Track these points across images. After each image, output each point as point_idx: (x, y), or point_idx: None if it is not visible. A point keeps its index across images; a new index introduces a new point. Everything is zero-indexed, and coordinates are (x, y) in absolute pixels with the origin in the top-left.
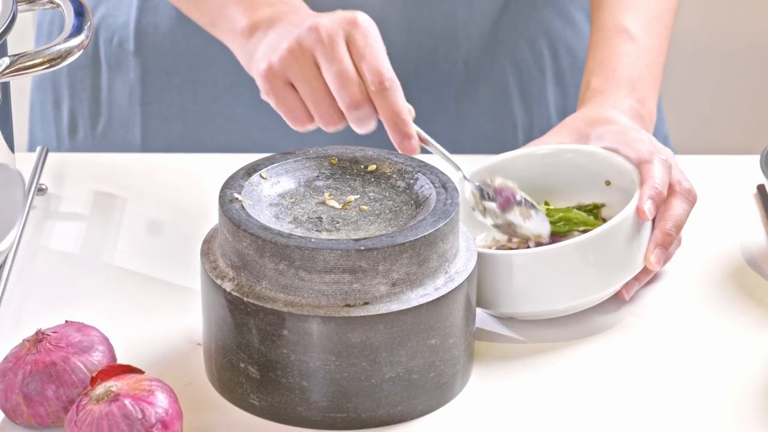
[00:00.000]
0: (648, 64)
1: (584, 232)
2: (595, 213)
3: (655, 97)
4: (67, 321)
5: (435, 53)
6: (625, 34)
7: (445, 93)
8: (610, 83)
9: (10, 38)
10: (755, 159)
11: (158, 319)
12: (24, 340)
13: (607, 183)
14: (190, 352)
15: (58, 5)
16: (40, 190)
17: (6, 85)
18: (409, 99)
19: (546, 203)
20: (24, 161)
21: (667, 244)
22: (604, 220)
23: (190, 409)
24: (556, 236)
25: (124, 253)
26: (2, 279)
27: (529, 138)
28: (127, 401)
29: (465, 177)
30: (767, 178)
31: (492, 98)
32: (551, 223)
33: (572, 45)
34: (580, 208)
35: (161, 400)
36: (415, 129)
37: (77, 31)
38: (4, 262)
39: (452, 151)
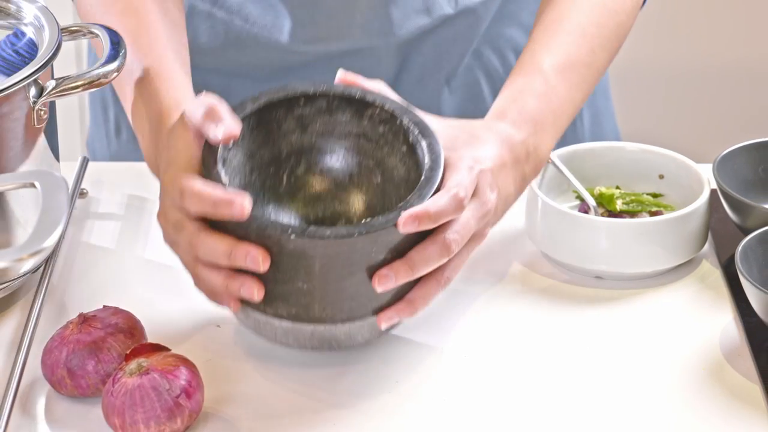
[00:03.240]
0: (554, 110)
1: (653, 213)
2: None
3: (552, 142)
4: (104, 306)
5: (423, 71)
6: (542, 75)
7: (431, 101)
8: (515, 114)
9: (55, 63)
10: (708, 167)
11: (183, 303)
12: (68, 322)
13: (661, 176)
14: (210, 333)
15: (97, 35)
16: (82, 194)
17: (52, 104)
18: None
19: (617, 187)
20: (67, 169)
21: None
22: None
23: (210, 381)
24: (628, 215)
25: (154, 248)
26: (49, 270)
27: None
28: (156, 375)
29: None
30: (719, 183)
31: (469, 103)
32: (624, 203)
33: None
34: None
35: (185, 373)
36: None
37: (113, 57)
38: (51, 255)
39: None
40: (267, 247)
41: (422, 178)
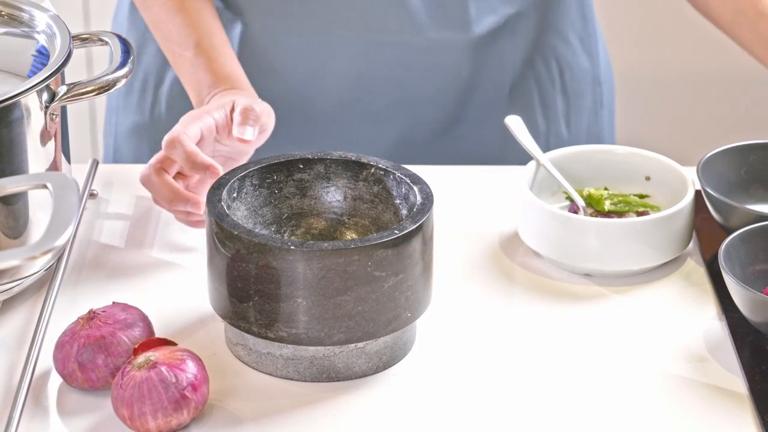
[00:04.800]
0: None
1: (639, 213)
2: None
3: None
4: (114, 302)
5: (487, 85)
6: None
7: (492, 113)
8: None
9: (66, 70)
10: (692, 169)
11: (188, 300)
12: (78, 318)
13: (647, 178)
14: (215, 328)
15: (107, 43)
16: (92, 195)
17: (63, 108)
18: (464, 117)
19: (605, 188)
20: (78, 171)
21: None
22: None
23: (215, 374)
24: (616, 215)
25: (161, 246)
26: (60, 268)
27: (547, 141)
28: (163, 368)
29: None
30: (703, 184)
31: (523, 113)
32: (612, 204)
33: (570, 61)
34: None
35: (191, 367)
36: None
37: (123, 64)
38: (62, 254)
39: (498, 156)
40: (268, 260)
41: (414, 209)
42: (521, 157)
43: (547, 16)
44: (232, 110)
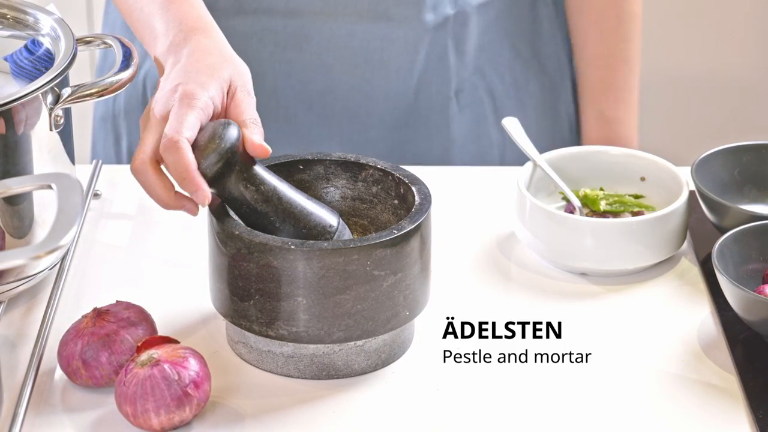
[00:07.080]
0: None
1: (635, 213)
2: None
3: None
4: (117, 301)
5: (429, 89)
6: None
7: (440, 119)
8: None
9: (71, 72)
10: (687, 170)
11: (191, 298)
12: (82, 316)
13: (642, 179)
14: (217, 326)
15: (110, 45)
16: (96, 195)
17: (68, 110)
18: (412, 124)
19: (601, 189)
20: (82, 171)
21: None
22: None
23: (216, 372)
24: (612, 215)
25: (163, 246)
26: (65, 267)
27: (503, 153)
28: (166, 366)
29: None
30: (697, 185)
31: (474, 122)
32: (608, 204)
33: (526, 77)
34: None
35: (193, 364)
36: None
37: (125, 66)
38: (67, 253)
39: (444, 163)
40: (269, 260)
41: (413, 210)
42: (468, 160)
43: (498, 25)
44: (229, 92)
